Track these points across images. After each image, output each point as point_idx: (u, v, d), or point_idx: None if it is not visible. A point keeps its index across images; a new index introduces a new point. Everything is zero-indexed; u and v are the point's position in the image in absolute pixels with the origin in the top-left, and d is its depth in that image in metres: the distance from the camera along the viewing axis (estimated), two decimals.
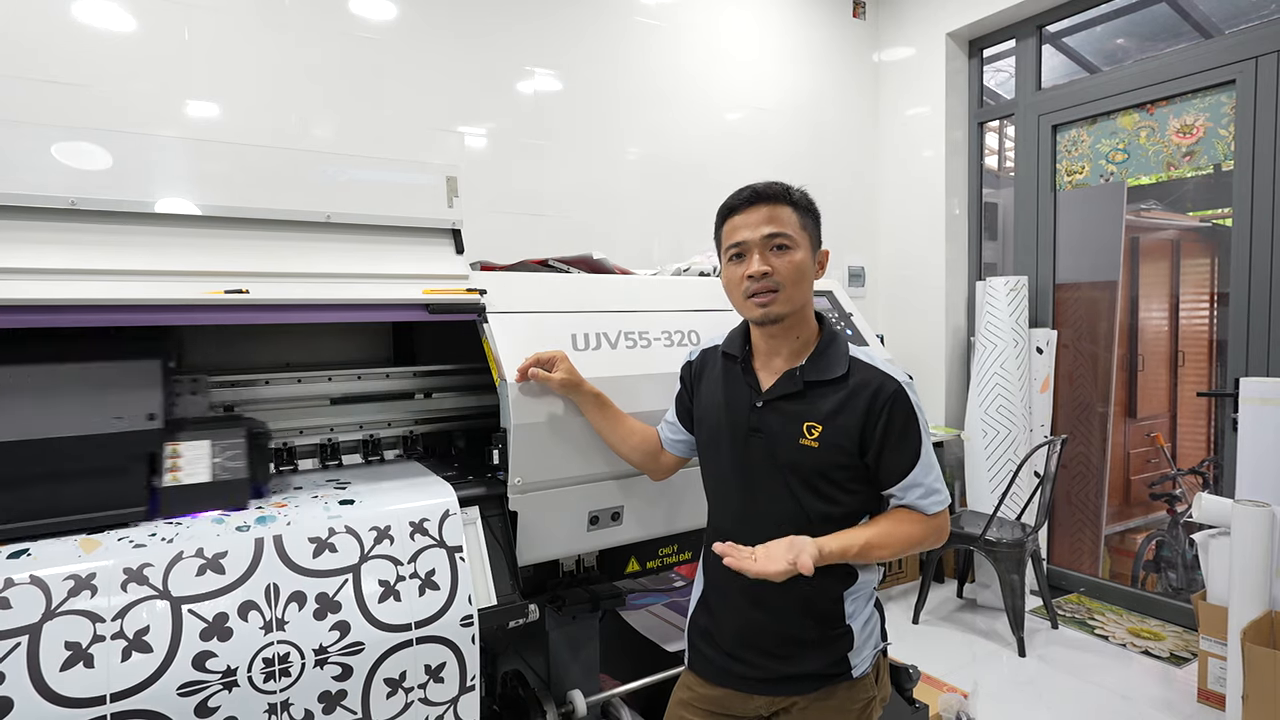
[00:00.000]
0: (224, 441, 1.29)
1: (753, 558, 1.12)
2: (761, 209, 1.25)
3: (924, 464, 1.21)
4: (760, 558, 1.12)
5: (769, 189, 1.26)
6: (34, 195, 1.20)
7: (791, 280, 1.23)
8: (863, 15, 4.07)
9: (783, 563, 1.09)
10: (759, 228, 1.24)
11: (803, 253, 1.24)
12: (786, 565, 1.09)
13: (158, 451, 1.23)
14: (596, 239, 3.00)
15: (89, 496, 1.17)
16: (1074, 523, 3.76)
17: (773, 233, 1.23)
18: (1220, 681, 2.52)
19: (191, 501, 1.23)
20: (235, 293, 1.26)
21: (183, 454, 1.25)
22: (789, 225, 1.24)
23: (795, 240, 1.24)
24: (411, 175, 1.57)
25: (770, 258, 1.23)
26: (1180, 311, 3.82)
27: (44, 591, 1.03)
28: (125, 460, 1.20)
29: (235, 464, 1.28)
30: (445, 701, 1.25)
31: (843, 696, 1.26)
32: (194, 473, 1.24)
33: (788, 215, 1.24)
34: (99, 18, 2.28)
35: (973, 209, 3.97)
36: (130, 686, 1.02)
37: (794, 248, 1.24)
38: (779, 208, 1.25)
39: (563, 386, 1.41)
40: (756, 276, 1.23)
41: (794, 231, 1.24)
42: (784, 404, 1.25)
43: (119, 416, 1.19)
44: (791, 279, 1.23)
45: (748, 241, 1.25)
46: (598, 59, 3.19)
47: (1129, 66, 3.39)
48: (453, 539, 1.32)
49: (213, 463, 1.26)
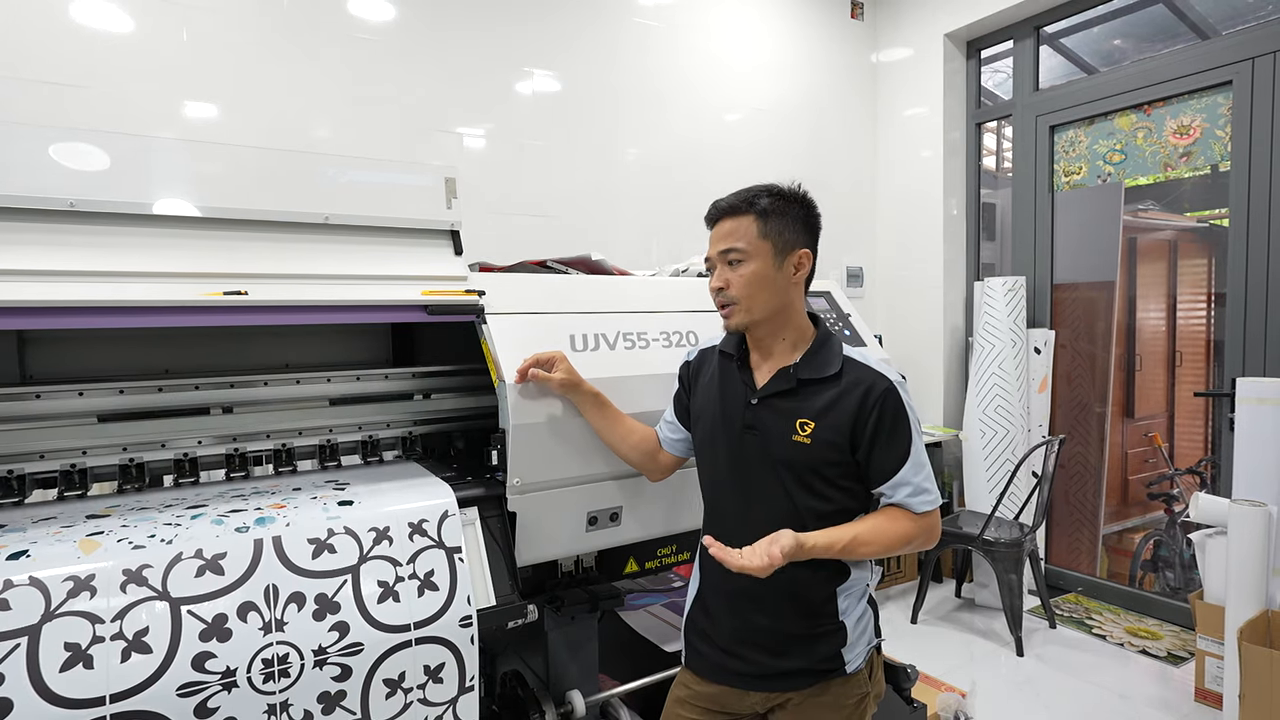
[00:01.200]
0: None
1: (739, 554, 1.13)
2: (723, 223, 1.30)
3: (914, 463, 1.22)
4: (745, 553, 1.13)
5: (730, 202, 1.30)
6: (32, 196, 1.20)
7: (745, 293, 1.26)
8: (861, 16, 4.08)
9: (764, 557, 1.10)
10: (717, 243, 1.30)
11: (758, 263, 1.26)
12: (768, 560, 1.10)
13: None
14: (595, 240, 3.00)
15: None
16: (1072, 522, 3.77)
17: (726, 248, 1.28)
18: (1217, 681, 2.53)
19: None
20: (234, 294, 1.26)
21: None
22: (743, 237, 1.27)
23: (748, 252, 1.26)
24: (410, 176, 1.57)
25: (726, 272, 1.28)
26: (1177, 312, 3.83)
27: (43, 593, 1.03)
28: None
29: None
30: (444, 702, 1.26)
31: (837, 692, 1.28)
32: None
33: (745, 226, 1.27)
34: (97, 18, 2.27)
35: (971, 209, 3.98)
36: (130, 687, 1.02)
37: (746, 260, 1.26)
38: (738, 219, 1.28)
39: (562, 387, 1.42)
40: (714, 291, 1.30)
41: (747, 243, 1.26)
42: (777, 401, 1.27)
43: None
44: (745, 291, 1.26)
45: (710, 258, 1.32)
46: (596, 60, 3.20)
47: (1126, 67, 3.40)
48: (452, 540, 1.32)
49: None
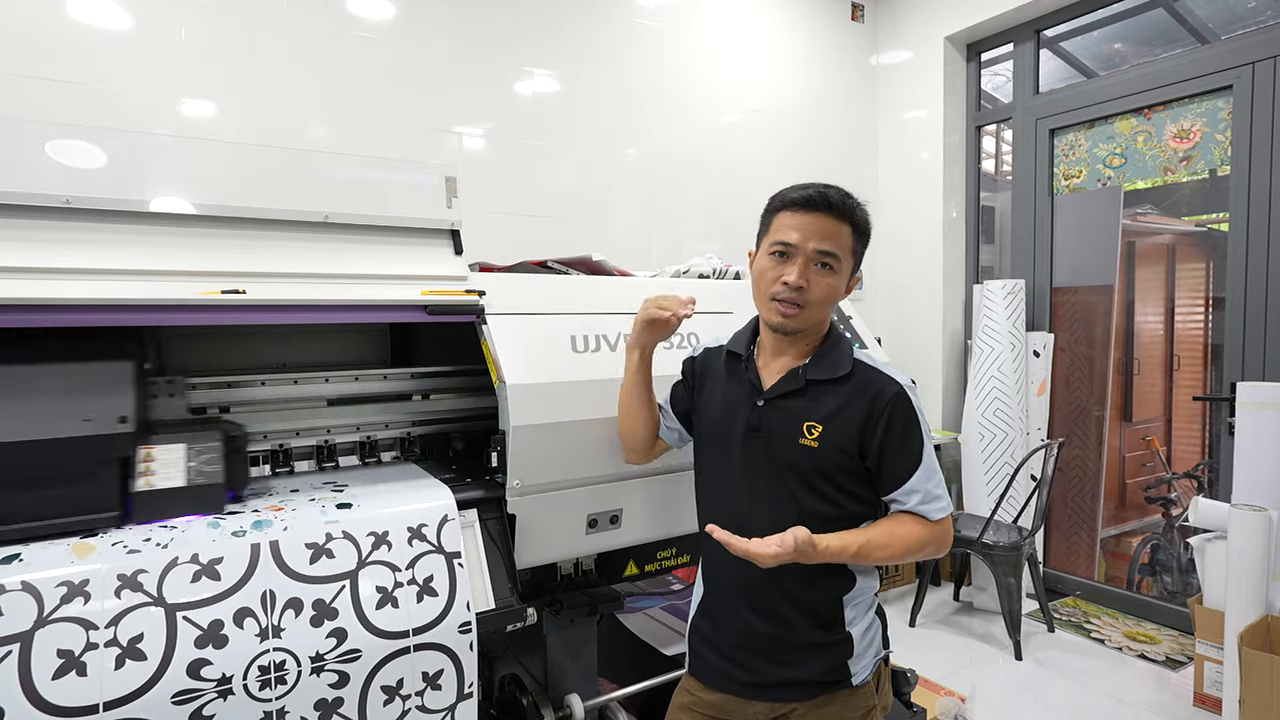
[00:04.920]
0: (199, 445, 1.25)
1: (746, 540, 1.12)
2: (824, 219, 1.20)
3: (925, 469, 1.20)
4: (754, 541, 1.11)
5: (840, 200, 1.20)
6: (28, 193, 1.18)
7: (820, 302, 1.21)
8: (861, 18, 4.08)
9: (773, 546, 1.09)
10: (816, 238, 1.19)
11: (841, 277, 1.22)
12: (777, 549, 1.08)
13: (130, 455, 1.19)
14: (595, 240, 2.99)
15: (59, 502, 1.13)
16: (1070, 526, 3.77)
17: (826, 250, 1.19)
18: (1216, 685, 2.52)
19: (166, 506, 1.19)
20: (232, 293, 1.25)
21: (156, 458, 1.21)
22: (841, 246, 1.20)
23: (841, 264, 1.21)
24: (410, 175, 1.56)
25: (811, 273, 1.20)
26: (1176, 316, 3.83)
27: (36, 598, 1.01)
28: (95, 464, 1.15)
29: (211, 468, 1.24)
30: (443, 709, 1.24)
31: (842, 704, 1.25)
32: (168, 476, 1.20)
33: (845, 234, 1.21)
34: (95, 15, 2.25)
35: (970, 212, 3.97)
36: (123, 695, 1.00)
37: (837, 270, 1.21)
38: (841, 224, 1.20)
39: (666, 328, 1.34)
40: (791, 286, 1.19)
41: (843, 254, 1.21)
42: (785, 403, 1.24)
43: (88, 419, 1.15)
44: (820, 301, 1.21)
45: (797, 247, 1.20)
46: (596, 60, 3.18)
47: (1126, 71, 3.40)
48: (451, 545, 1.31)
49: (188, 466, 1.22)
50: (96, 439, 1.15)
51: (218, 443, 1.27)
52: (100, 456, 1.16)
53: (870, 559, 1.18)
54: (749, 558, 1.11)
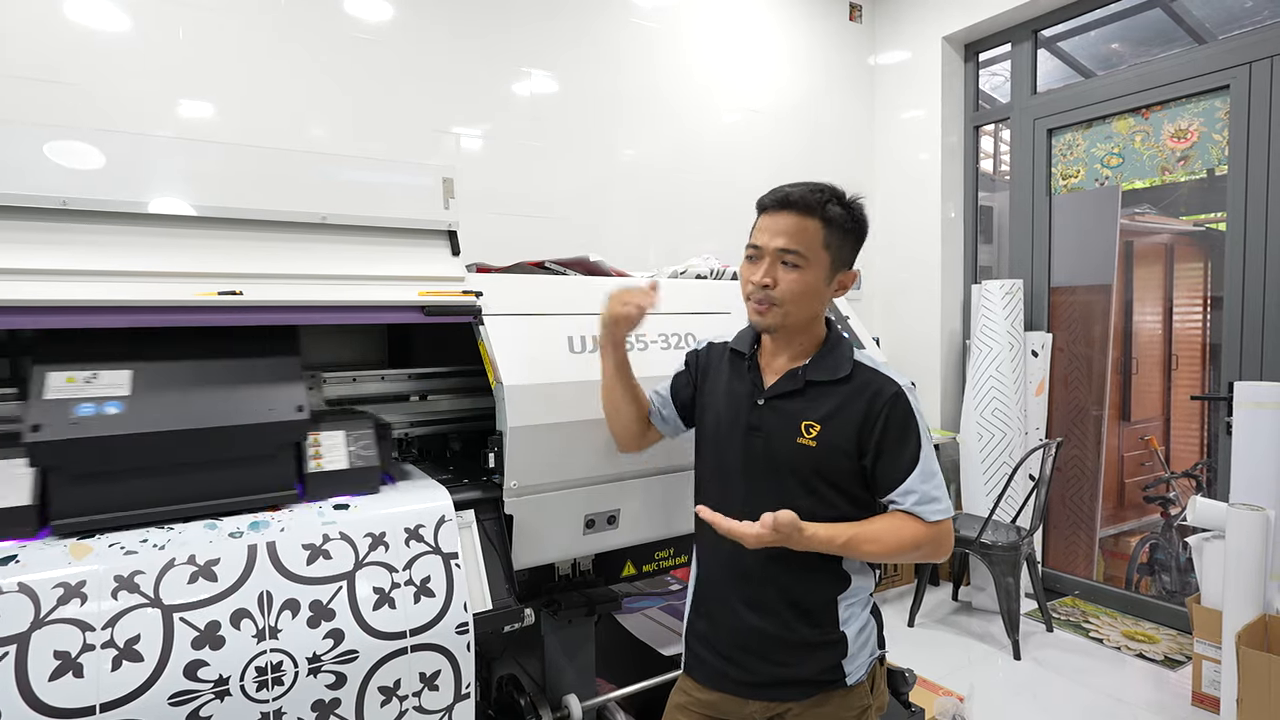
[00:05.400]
0: (357, 432, 1.40)
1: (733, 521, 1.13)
2: (788, 217, 1.20)
3: (923, 470, 1.20)
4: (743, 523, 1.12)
5: (802, 197, 1.20)
6: (25, 195, 1.18)
7: (790, 299, 1.21)
8: (859, 18, 4.08)
9: (758, 527, 1.09)
10: (776, 237, 1.20)
11: (813, 273, 1.21)
12: (760, 529, 1.09)
13: (301, 440, 1.33)
14: (592, 241, 2.98)
15: (245, 481, 1.26)
16: (1069, 526, 3.77)
17: (787, 247, 1.20)
18: (1215, 685, 2.53)
19: (334, 486, 1.34)
20: (229, 294, 1.25)
21: (323, 443, 1.36)
22: (806, 242, 1.20)
23: (808, 259, 1.20)
24: (407, 176, 1.56)
25: (777, 271, 1.21)
26: (1174, 315, 3.84)
27: (33, 599, 1.01)
28: (276, 448, 1.29)
29: (368, 452, 1.39)
30: (440, 710, 1.24)
31: (837, 704, 1.25)
32: (334, 460, 1.35)
33: (811, 230, 1.20)
34: (92, 16, 2.25)
35: (968, 212, 3.98)
36: (120, 696, 1.00)
37: (804, 267, 1.20)
38: (805, 219, 1.20)
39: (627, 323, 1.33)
40: (757, 285, 1.22)
41: (809, 249, 1.20)
42: (783, 402, 1.24)
43: (272, 408, 1.28)
44: (791, 298, 1.21)
45: (762, 247, 1.22)
46: (594, 60, 3.18)
47: (1124, 71, 3.40)
48: (448, 545, 1.31)
49: (348, 451, 1.37)
50: (281, 425, 1.29)
51: (371, 430, 1.42)
52: (282, 441, 1.30)
53: (859, 553, 1.17)
54: (733, 536, 1.12)
